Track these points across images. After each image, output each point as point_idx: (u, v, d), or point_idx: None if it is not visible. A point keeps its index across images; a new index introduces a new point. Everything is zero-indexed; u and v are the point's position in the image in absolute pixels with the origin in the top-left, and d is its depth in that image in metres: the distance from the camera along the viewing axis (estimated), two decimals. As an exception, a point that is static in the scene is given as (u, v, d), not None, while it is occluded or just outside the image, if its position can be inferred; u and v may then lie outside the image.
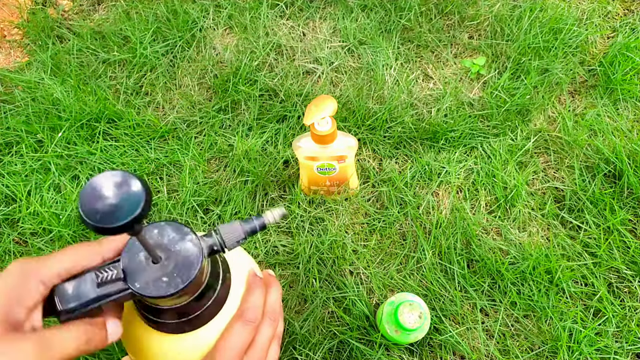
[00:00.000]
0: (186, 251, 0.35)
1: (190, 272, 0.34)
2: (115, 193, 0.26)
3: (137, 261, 0.35)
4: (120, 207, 0.26)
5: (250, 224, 0.38)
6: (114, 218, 0.25)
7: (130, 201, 0.26)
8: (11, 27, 1.16)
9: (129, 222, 0.25)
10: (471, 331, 0.76)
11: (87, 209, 0.26)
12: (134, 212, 0.26)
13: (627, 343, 0.75)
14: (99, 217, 0.25)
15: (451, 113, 0.96)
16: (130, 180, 0.26)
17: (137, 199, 0.26)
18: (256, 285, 0.43)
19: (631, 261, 0.81)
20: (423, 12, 1.09)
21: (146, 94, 1.03)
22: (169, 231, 0.36)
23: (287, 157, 0.91)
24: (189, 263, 0.34)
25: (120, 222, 0.25)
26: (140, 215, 0.26)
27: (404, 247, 0.83)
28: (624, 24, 1.09)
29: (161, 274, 0.34)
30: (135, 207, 0.26)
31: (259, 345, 0.41)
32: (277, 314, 0.43)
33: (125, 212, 0.26)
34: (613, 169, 0.89)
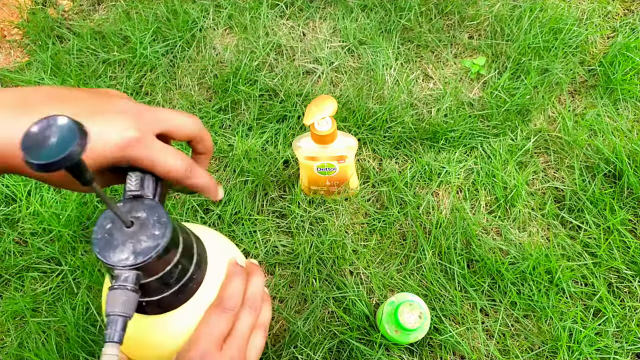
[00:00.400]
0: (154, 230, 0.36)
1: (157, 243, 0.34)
2: (52, 131, 0.27)
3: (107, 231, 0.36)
4: (58, 143, 0.27)
5: None
6: (53, 153, 0.26)
7: (63, 139, 0.27)
8: (11, 27, 1.16)
9: (62, 158, 0.26)
10: (471, 331, 0.76)
11: (26, 145, 0.27)
12: (65, 150, 0.26)
13: (627, 343, 0.75)
14: (35, 153, 0.26)
15: (451, 113, 0.96)
16: (65, 120, 0.27)
17: (72, 135, 0.27)
18: (236, 273, 0.42)
19: (631, 261, 0.81)
20: (423, 12, 1.09)
21: (146, 94, 1.03)
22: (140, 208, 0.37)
23: (287, 157, 0.91)
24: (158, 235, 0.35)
25: (59, 155, 0.26)
26: (71, 155, 0.26)
27: (404, 247, 0.83)
28: (624, 24, 1.09)
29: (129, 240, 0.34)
30: (67, 144, 0.26)
31: (238, 333, 0.40)
32: (258, 302, 0.43)
33: (61, 147, 0.26)
34: (613, 169, 0.89)
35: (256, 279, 0.44)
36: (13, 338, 0.77)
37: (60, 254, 0.83)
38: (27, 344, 0.76)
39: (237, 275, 0.42)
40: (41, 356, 0.74)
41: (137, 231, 0.35)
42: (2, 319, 0.79)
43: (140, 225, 0.35)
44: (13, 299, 0.80)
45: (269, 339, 0.76)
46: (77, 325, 0.76)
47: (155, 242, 0.34)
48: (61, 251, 0.84)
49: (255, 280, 0.44)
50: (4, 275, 0.83)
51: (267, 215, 0.87)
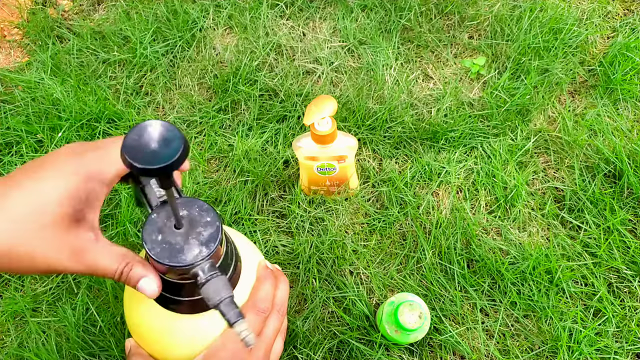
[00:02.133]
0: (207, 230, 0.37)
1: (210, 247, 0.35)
2: (157, 138, 0.29)
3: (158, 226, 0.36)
4: (160, 152, 0.28)
5: None
6: (154, 160, 0.28)
7: (170, 147, 0.28)
8: (11, 27, 1.16)
9: (166, 166, 0.28)
10: (471, 331, 0.76)
11: (130, 148, 0.28)
12: (172, 157, 0.28)
13: (627, 343, 0.75)
14: (140, 157, 0.28)
15: (451, 113, 0.96)
16: (173, 130, 0.29)
17: (177, 146, 0.28)
18: (267, 277, 0.43)
19: (631, 261, 0.81)
20: (423, 12, 1.09)
21: (146, 94, 1.03)
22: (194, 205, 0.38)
23: (287, 157, 0.91)
24: (209, 239, 0.36)
25: (160, 164, 0.28)
26: (176, 162, 0.28)
27: (404, 247, 0.83)
28: (624, 24, 1.09)
29: (181, 241, 0.36)
30: (173, 153, 0.28)
31: (266, 336, 0.41)
32: (284, 307, 0.44)
33: (164, 156, 0.28)
34: (613, 169, 0.89)
35: (283, 285, 0.45)
36: (13, 338, 0.77)
37: (60, 254, 0.83)
38: (27, 344, 0.76)
39: (268, 278, 0.43)
40: (41, 356, 0.74)
41: (189, 228, 0.36)
42: (2, 319, 0.79)
43: (188, 221, 0.36)
44: (13, 299, 0.80)
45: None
46: (77, 325, 0.76)
47: (213, 227, 0.36)
48: (61, 251, 0.84)
49: (282, 286, 0.45)
50: (4, 275, 0.83)
51: (267, 215, 0.87)
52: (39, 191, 0.32)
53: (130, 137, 0.29)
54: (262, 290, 0.42)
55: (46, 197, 0.32)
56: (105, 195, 0.36)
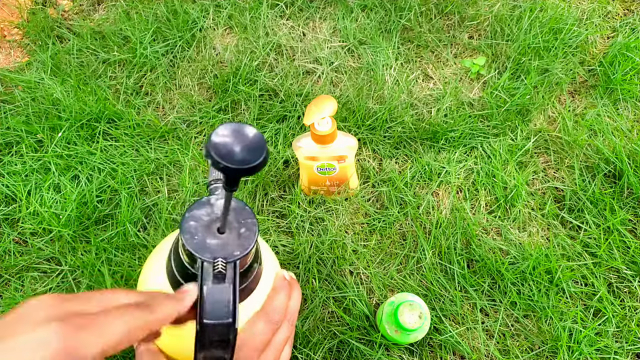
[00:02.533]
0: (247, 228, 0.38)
1: (249, 244, 0.36)
2: (245, 140, 0.29)
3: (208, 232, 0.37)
4: (249, 153, 0.29)
5: None
6: (247, 160, 0.28)
7: (256, 150, 0.29)
8: (11, 27, 1.16)
9: (259, 164, 0.28)
10: (471, 331, 0.76)
11: (221, 149, 0.28)
12: (258, 159, 0.29)
13: (627, 343, 0.75)
14: (229, 158, 0.28)
15: (451, 113, 0.96)
16: (258, 134, 0.30)
17: (262, 148, 0.29)
18: (283, 287, 0.43)
19: (631, 261, 0.81)
20: (423, 12, 1.09)
21: (146, 94, 1.03)
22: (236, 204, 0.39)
23: (287, 157, 0.91)
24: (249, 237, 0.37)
25: (252, 163, 0.28)
26: (261, 164, 0.29)
27: (404, 247, 0.83)
28: (624, 24, 1.09)
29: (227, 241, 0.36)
30: (259, 155, 0.29)
31: (275, 345, 0.41)
32: (295, 317, 0.44)
33: (251, 158, 0.29)
34: (613, 169, 0.89)
35: (296, 294, 0.45)
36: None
37: (60, 254, 0.83)
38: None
39: (284, 289, 0.43)
40: (41, 356, 0.74)
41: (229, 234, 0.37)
42: (2, 319, 0.79)
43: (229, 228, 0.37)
44: (13, 299, 0.80)
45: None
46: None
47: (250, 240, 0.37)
48: (61, 251, 0.84)
49: (295, 296, 0.45)
50: (4, 275, 0.83)
51: (267, 215, 0.87)
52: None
53: (221, 136, 0.29)
54: (276, 300, 0.42)
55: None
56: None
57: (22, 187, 0.89)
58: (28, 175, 0.91)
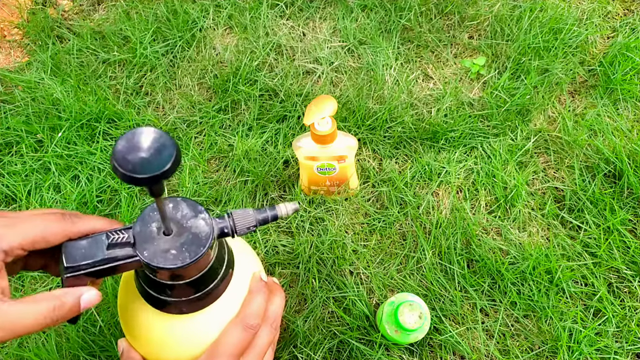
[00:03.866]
0: (197, 228, 0.35)
1: (199, 249, 0.34)
2: (148, 146, 0.27)
3: (148, 231, 0.35)
4: (151, 160, 0.27)
5: (262, 213, 0.39)
6: (145, 169, 0.27)
7: (162, 156, 0.27)
8: (11, 27, 1.16)
9: (157, 175, 0.27)
10: (471, 331, 0.76)
11: (121, 157, 0.27)
12: (164, 166, 0.27)
13: (627, 343, 0.75)
14: (130, 167, 0.27)
15: (451, 113, 0.96)
16: (164, 137, 0.28)
17: (168, 154, 0.27)
18: (259, 290, 0.42)
19: (631, 261, 0.81)
20: (423, 12, 1.09)
21: (146, 94, 1.03)
22: (183, 207, 0.36)
23: (287, 157, 0.91)
24: (199, 240, 0.35)
25: (149, 174, 0.27)
26: (168, 170, 0.27)
27: (404, 247, 0.83)
28: (624, 24, 1.09)
29: (170, 246, 0.34)
30: (165, 162, 0.27)
31: (256, 349, 0.41)
32: (277, 321, 0.43)
33: (155, 165, 0.27)
34: (613, 169, 0.89)
35: (278, 299, 0.44)
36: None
37: (60, 254, 0.83)
38: (27, 344, 0.76)
39: (260, 292, 0.42)
40: (41, 356, 0.74)
41: (177, 233, 0.35)
42: (2, 319, 0.79)
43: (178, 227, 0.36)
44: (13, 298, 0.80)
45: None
46: (77, 325, 0.76)
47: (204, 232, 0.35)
48: (61, 251, 0.84)
49: (277, 300, 0.44)
50: (4, 275, 0.83)
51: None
52: None
53: (120, 144, 0.27)
54: (252, 304, 0.41)
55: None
56: (2, 263, 0.33)
57: (22, 187, 0.89)
58: (28, 175, 0.91)
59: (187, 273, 0.36)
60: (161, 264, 0.34)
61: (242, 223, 0.38)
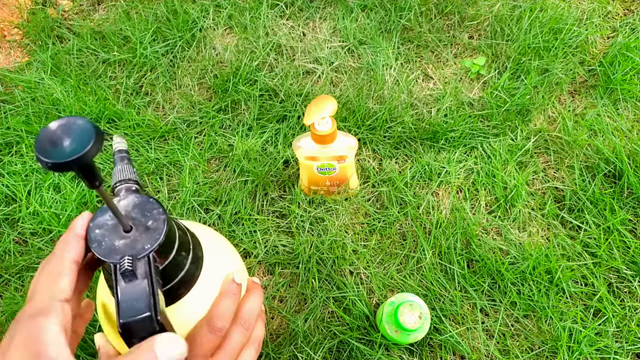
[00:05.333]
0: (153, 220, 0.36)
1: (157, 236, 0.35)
2: (65, 132, 0.28)
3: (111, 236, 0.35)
4: (70, 145, 0.28)
5: None
6: (66, 153, 0.27)
7: (80, 139, 0.28)
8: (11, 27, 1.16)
9: (77, 158, 0.27)
10: (471, 331, 0.76)
11: (40, 147, 0.28)
12: (82, 149, 0.27)
13: (627, 343, 0.75)
14: (50, 154, 0.27)
15: (451, 113, 0.96)
16: (82, 122, 0.29)
17: (87, 137, 0.28)
18: (229, 292, 0.42)
19: (631, 261, 0.81)
20: (423, 12, 1.09)
21: (146, 94, 1.03)
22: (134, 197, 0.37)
23: (287, 157, 0.91)
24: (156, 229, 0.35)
25: (72, 156, 0.27)
26: (89, 152, 0.27)
27: (404, 247, 0.83)
28: (624, 24, 1.09)
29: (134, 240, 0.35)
30: (84, 144, 0.27)
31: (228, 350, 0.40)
32: (251, 321, 0.42)
33: (74, 149, 0.27)
34: (613, 169, 0.89)
35: (254, 298, 0.44)
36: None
37: (60, 254, 0.83)
38: (27, 344, 0.76)
39: (229, 294, 0.42)
40: (41, 356, 0.74)
41: (136, 231, 0.35)
42: (2, 319, 0.79)
43: (135, 224, 0.36)
44: (13, 299, 0.80)
45: (269, 338, 0.76)
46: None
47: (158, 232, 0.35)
48: (61, 251, 0.84)
49: (252, 299, 0.43)
50: (4, 275, 0.83)
51: (267, 215, 0.87)
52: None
53: (40, 134, 0.28)
54: (219, 306, 0.40)
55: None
56: None
57: (22, 187, 0.89)
58: (28, 175, 0.91)
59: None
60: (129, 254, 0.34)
61: None
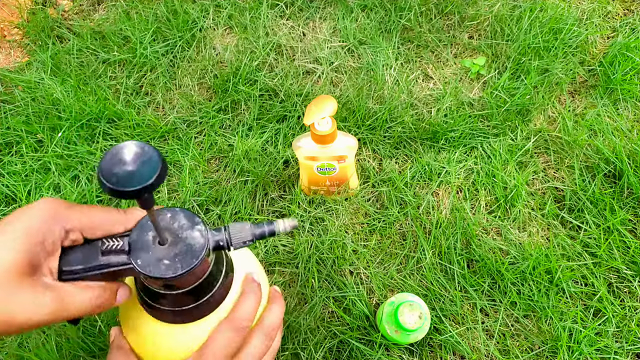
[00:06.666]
0: (193, 239, 0.35)
1: (192, 261, 0.34)
2: (133, 160, 0.28)
3: (144, 239, 0.35)
4: (137, 173, 0.28)
5: (260, 228, 0.39)
6: (130, 182, 0.27)
7: (147, 168, 0.28)
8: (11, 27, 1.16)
9: (143, 187, 0.27)
10: (471, 331, 0.76)
11: (106, 171, 0.27)
12: (150, 179, 0.27)
13: (627, 343, 0.75)
14: (115, 180, 0.27)
15: (451, 113, 0.96)
16: (149, 150, 0.28)
17: (154, 167, 0.28)
18: (250, 290, 0.41)
19: (631, 261, 0.81)
20: (423, 12, 1.09)
21: (146, 94, 1.03)
22: (181, 217, 0.37)
23: (287, 157, 0.91)
24: (193, 252, 0.35)
25: (135, 186, 0.27)
26: (154, 183, 0.28)
27: (404, 247, 0.83)
28: (624, 24, 1.09)
29: (163, 255, 0.35)
30: (151, 174, 0.27)
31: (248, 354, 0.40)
32: (274, 330, 0.42)
33: (140, 178, 0.27)
34: (613, 169, 0.89)
35: (276, 307, 0.43)
36: (13, 338, 0.77)
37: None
38: (27, 344, 0.76)
39: (250, 293, 0.41)
40: (41, 356, 0.74)
41: (173, 243, 0.35)
42: (2, 319, 0.79)
43: (173, 236, 0.36)
44: (13, 299, 0.80)
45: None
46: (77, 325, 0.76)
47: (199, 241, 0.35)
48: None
49: (274, 309, 0.43)
50: (4, 275, 0.83)
51: (267, 215, 0.87)
52: None
53: (106, 158, 0.28)
54: (242, 306, 0.40)
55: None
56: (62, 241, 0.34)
57: (22, 187, 0.89)
58: (28, 175, 0.91)
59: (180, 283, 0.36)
60: (152, 273, 0.34)
61: (238, 237, 0.38)
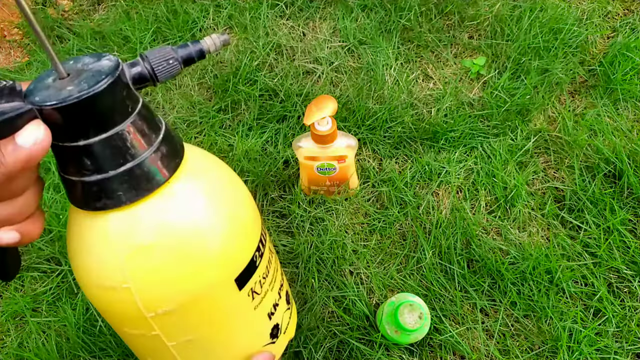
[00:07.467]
0: (100, 66, 0.28)
1: (101, 77, 0.27)
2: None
3: (41, 84, 0.28)
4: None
5: (185, 48, 0.31)
6: None
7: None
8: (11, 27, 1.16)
9: None
10: (471, 331, 0.76)
11: None
12: None
13: (627, 343, 0.75)
14: None
15: (451, 113, 0.96)
16: None
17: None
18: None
19: (631, 261, 0.81)
20: (423, 12, 1.09)
21: (146, 93, 1.03)
22: (85, 58, 0.30)
23: (287, 157, 0.91)
24: (101, 72, 0.27)
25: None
26: None
27: (404, 247, 0.83)
28: (624, 24, 1.09)
29: (66, 85, 0.27)
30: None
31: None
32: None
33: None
34: (613, 169, 0.89)
35: None
36: (13, 338, 0.77)
37: (60, 254, 0.83)
38: (27, 344, 0.76)
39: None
40: (41, 356, 0.74)
41: (76, 75, 0.28)
42: (2, 319, 0.79)
43: (77, 71, 0.28)
44: (13, 299, 0.80)
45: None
46: (77, 325, 0.76)
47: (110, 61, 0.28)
48: (61, 251, 0.84)
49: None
50: (4, 275, 0.83)
51: (267, 215, 0.87)
52: None
53: None
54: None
55: None
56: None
57: (22, 187, 0.89)
58: (28, 175, 0.91)
59: (91, 121, 0.27)
60: (53, 99, 0.26)
61: (161, 64, 0.30)
